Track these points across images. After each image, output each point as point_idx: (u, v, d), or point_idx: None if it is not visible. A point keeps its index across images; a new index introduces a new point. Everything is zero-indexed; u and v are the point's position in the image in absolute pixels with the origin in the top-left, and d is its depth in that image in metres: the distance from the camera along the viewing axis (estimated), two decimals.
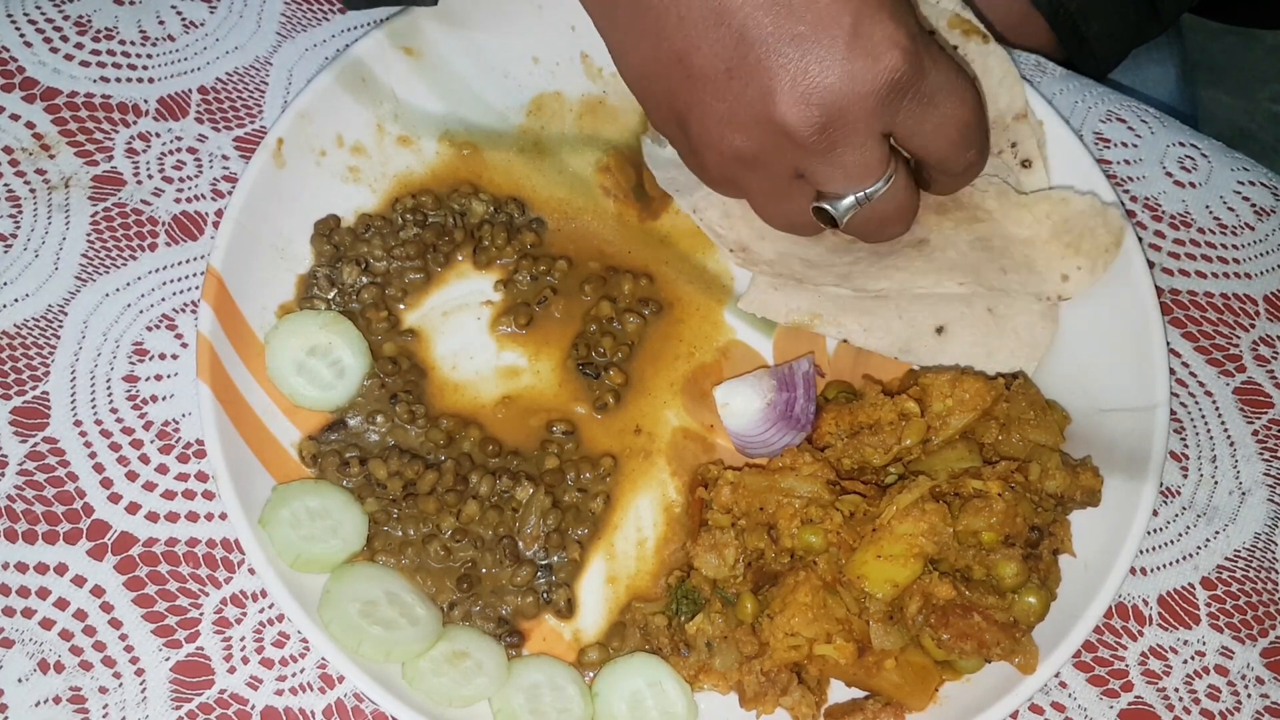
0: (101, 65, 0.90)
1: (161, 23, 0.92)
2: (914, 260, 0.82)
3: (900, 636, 0.73)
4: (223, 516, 0.79)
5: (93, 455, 0.79)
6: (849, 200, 0.74)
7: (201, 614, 0.76)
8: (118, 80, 0.90)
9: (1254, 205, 0.96)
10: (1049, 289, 0.83)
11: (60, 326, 0.82)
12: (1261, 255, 0.94)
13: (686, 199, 0.86)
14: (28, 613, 0.75)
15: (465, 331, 0.85)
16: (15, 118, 0.87)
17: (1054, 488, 0.76)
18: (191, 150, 0.89)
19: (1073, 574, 0.77)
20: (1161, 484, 0.79)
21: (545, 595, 0.78)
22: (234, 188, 0.81)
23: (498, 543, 0.78)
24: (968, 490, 0.74)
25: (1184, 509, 0.86)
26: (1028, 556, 0.74)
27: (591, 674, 0.77)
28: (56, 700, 0.73)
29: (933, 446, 0.79)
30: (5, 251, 0.84)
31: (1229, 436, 0.88)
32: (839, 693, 0.77)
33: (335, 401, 0.81)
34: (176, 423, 0.81)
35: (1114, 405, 0.82)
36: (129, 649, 0.75)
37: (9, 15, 0.90)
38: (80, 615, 0.75)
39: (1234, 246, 0.94)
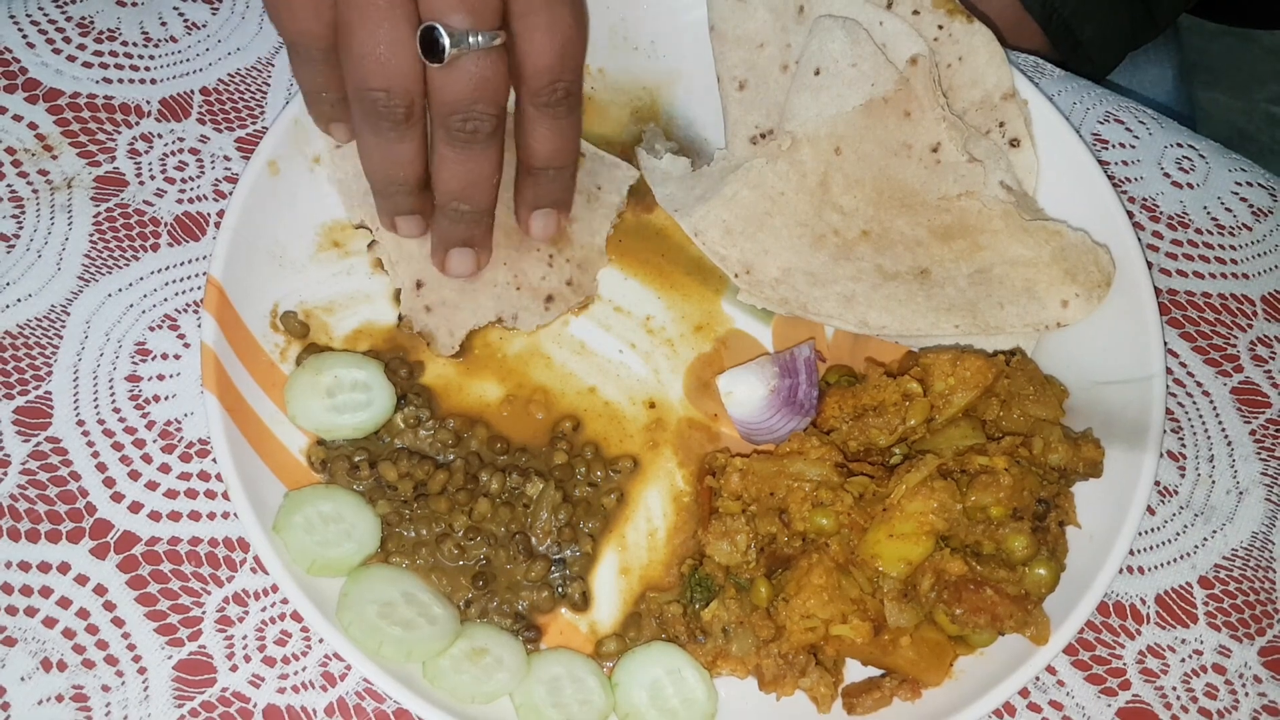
0: (104, 66, 0.90)
1: (164, 24, 0.92)
2: (915, 294, 0.83)
3: (914, 614, 0.74)
4: (225, 516, 0.79)
5: (95, 455, 0.79)
6: (459, 33, 0.69)
7: (204, 612, 0.77)
8: (120, 81, 0.90)
9: (1251, 206, 0.96)
10: (1049, 315, 0.84)
11: (63, 326, 0.82)
12: (1259, 256, 0.94)
13: (687, 219, 0.87)
14: (30, 611, 0.75)
15: None
16: (18, 118, 0.88)
17: (1057, 461, 0.77)
18: (193, 151, 0.89)
19: (1078, 545, 0.78)
20: (1160, 480, 0.79)
21: (560, 589, 0.79)
22: (235, 189, 0.81)
23: (510, 539, 0.79)
24: (974, 467, 0.75)
25: (1181, 508, 0.86)
26: (1036, 529, 0.74)
27: (610, 664, 0.77)
28: (59, 698, 0.73)
29: (936, 425, 0.80)
30: (8, 252, 0.84)
31: (1226, 436, 0.88)
32: (855, 672, 0.78)
33: (377, 419, 0.80)
34: (179, 422, 0.81)
35: (1111, 378, 0.82)
36: (131, 647, 0.75)
37: (11, 16, 0.91)
38: (83, 614, 0.75)
39: (1231, 247, 0.95)
